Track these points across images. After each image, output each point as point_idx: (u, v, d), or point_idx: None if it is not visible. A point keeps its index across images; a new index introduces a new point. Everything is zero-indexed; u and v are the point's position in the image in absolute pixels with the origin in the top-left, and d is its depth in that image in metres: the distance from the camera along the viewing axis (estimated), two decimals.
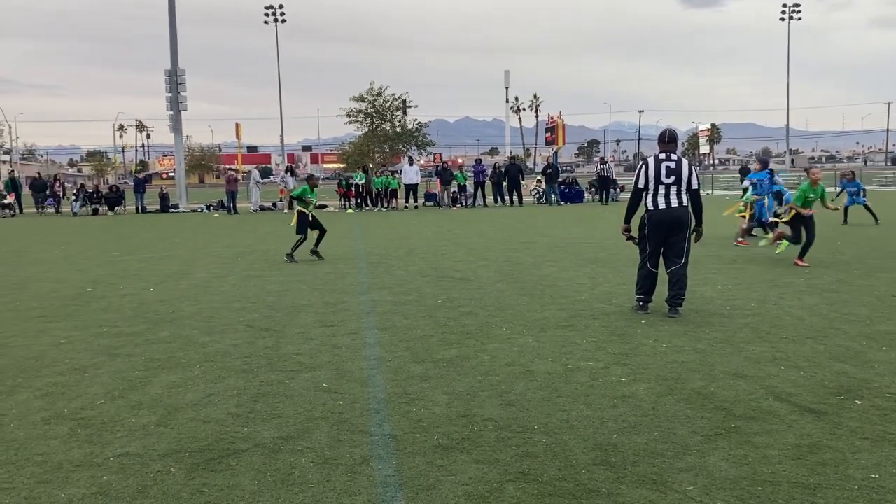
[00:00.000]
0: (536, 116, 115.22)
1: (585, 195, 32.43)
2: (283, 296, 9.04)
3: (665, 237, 7.37)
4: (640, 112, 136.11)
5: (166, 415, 4.69)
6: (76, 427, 4.50)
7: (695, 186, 7.39)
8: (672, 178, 7.28)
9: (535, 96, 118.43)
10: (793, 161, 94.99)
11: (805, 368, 5.40)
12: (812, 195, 10.72)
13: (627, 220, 7.75)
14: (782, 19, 75.35)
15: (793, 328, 6.70)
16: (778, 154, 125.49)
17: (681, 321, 7.07)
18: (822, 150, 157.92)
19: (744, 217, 14.07)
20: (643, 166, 7.47)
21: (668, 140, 7.53)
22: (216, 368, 5.76)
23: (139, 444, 4.20)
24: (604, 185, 30.62)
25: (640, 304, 7.60)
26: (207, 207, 31.66)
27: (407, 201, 30.28)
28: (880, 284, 8.93)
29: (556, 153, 42.32)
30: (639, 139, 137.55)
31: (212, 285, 10.06)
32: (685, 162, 7.40)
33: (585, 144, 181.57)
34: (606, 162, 32.10)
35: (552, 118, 45.38)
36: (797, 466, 3.67)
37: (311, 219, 12.58)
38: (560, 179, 32.58)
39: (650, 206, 7.38)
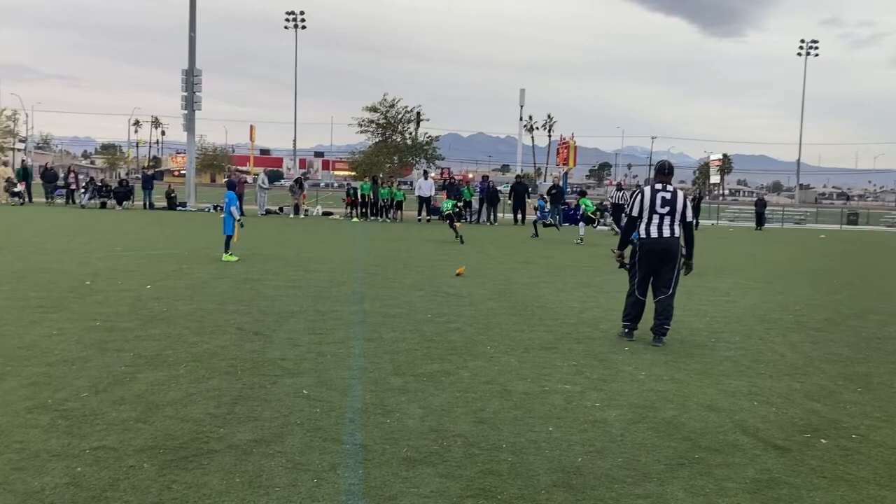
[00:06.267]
0: (549, 136, 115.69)
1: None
2: (277, 301, 9.16)
3: (655, 266, 7.48)
4: (652, 138, 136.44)
5: (146, 411, 4.80)
6: (57, 418, 4.62)
7: (688, 219, 7.52)
8: (666, 209, 7.41)
9: (549, 116, 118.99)
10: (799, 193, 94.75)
11: (777, 405, 5.48)
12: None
13: (621, 247, 7.91)
14: (799, 55, 75.62)
15: (773, 364, 6.78)
16: (789, 188, 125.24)
17: (663, 350, 7.16)
18: (833, 187, 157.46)
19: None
20: (639, 195, 7.61)
21: (666, 171, 7.67)
22: (201, 369, 5.87)
23: (116, 438, 4.31)
24: (617, 213, 29.72)
25: (626, 331, 7.69)
26: (214, 207, 31.83)
27: (420, 214, 30.39)
28: (868, 326, 8.99)
29: (566, 174, 42.50)
30: (650, 165, 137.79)
31: (208, 286, 10.19)
32: (680, 194, 7.53)
33: (596, 167, 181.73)
34: (622, 189, 30.58)
35: (564, 139, 45.62)
36: (752, 500, 3.76)
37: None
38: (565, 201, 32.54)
39: (643, 235, 7.51)
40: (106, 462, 3.95)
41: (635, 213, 7.57)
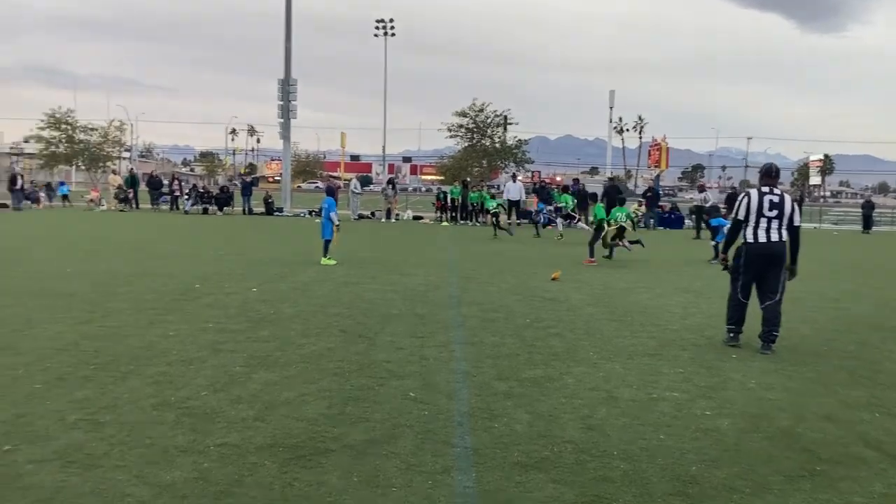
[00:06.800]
0: (640, 137, 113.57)
1: (686, 222, 31.66)
2: (377, 304, 9.34)
3: (761, 271, 7.28)
4: (748, 139, 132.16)
5: (263, 410, 4.99)
6: (182, 415, 4.85)
7: (796, 223, 7.30)
8: (775, 213, 7.21)
9: (639, 117, 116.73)
10: None
11: None
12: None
13: (725, 250, 7.73)
14: None
15: (892, 375, 6.47)
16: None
17: (773, 358, 6.94)
18: None
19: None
20: (745, 198, 7.43)
21: (773, 174, 7.50)
22: (311, 370, 6.05)
23: (237, 436, 4.49)
24: (699, 215, 28.88)
25: (731, 335, 7.50)
26: (309, 213, 32.69)
27: (509, 218, 30.32)
28: None
29: (658, 176, 41.62)
30: (745, 166, 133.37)
31: (310, 289, 10.48)
32: (788, 198, 7.32)
33: (689, 168, 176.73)
34: (705, 190, 29.53)
35: (656, 140, 44.66)
36: None
37: None
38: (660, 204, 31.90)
39: (749, 239, 7.32)
40: (230, 458, 4.13)
41: (741, 216, 7.39)
